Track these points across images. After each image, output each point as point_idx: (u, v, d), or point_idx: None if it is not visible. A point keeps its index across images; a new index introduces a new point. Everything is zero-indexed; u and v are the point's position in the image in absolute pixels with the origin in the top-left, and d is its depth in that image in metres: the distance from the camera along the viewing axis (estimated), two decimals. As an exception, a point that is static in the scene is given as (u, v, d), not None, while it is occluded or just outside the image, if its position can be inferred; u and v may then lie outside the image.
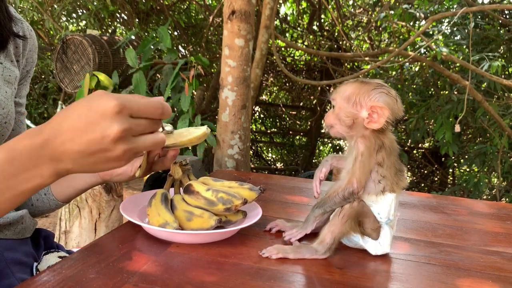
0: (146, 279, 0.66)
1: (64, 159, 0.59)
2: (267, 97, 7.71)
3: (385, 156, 0.79)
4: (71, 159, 0.59)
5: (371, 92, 0.78)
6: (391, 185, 0.79)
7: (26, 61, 0.95)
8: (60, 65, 3.47)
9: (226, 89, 3.06)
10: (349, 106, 0.78)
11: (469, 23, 3.44)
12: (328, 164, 0.88)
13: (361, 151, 0.78)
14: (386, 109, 0.76)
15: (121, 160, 0.60)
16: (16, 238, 0.89)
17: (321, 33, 6.31)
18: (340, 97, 0.80)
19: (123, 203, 0.88)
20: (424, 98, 4.53)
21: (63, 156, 0.59)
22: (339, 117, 0.80)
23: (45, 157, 0.59)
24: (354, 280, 0.71)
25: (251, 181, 1.19)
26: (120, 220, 2.60)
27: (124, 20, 5.74)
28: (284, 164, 7.74)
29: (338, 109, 0.80)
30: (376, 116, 0.76)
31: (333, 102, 0.82)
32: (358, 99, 0.78)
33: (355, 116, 0.78)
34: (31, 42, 0.95)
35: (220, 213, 0.83)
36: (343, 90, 0.80)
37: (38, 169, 0.60)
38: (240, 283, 0.67)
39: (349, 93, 0.79)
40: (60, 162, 0.59)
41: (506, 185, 4.52)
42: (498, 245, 0.93)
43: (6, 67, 0.87)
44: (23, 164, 0.59)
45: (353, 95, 0.78)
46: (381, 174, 0.79)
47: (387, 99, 0.77)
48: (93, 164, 0.60)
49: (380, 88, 0.78)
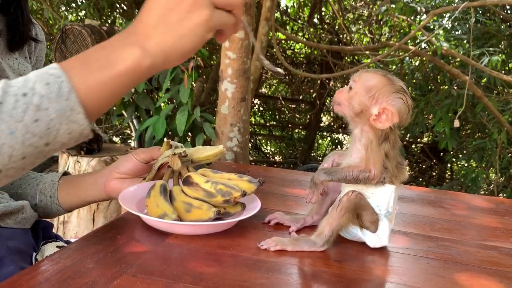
0: (144, 269, 0.66)
1: (151, 33, 0.62)
2: (266, 90, 7.70)
3: (389, 147, 0.79)
4: (156, 28, 0.62)
5: (392, 94, 0.77)
6: (391, 177, 0.80)
7: (36, 59, 1.01)
8: (59, 55, 3.45)
9: (225, 81, 3.05)
10: (366, 96, 0.78)
11: (470, 18, 3.43)
12: (330, 160, 0.88)
13: (371, 139, 0.78)
14: (396, 117, 0.76)
15: (199, 6, 0.62)
16: (17, 227, 0.89)
17: (321, 26, 6.29)
18: (362, 83, 0.79)
19: (122, 193, 0.88)
20: (423, 93, 4.53)
21: (148, 31, 0.63)
22: (351, 100, 0.79)
23: (134, 42, 0.62)
24: (352, 273, 0.72)
25: (250, 173, 1.19)
26: (118, 211, 2.60)
27: (123, 10, 5.71)
28: (282, 157, 7.75)
29: (354, 93, 0.79)
30: (384, 118, 0.76)
31: (352, 82, 0.81)
32: (378, 95, 0.77)
33: (366, 108, 0.78)
34: (42, 44, 1.01)
35: (219, 205, 0.83)
36: (367, 78, 0.79)
37: (129, 49, 0.62)
38: (238, 275, 0.67)
39: (372, 84, 0.78)
40: (148, 38, 0.62)
41: (504, 180, 4.53)
42: (495, 240, 0.94)
43: (21, 63, 0.93)
44: (114, 46, 0.63)
45: (375, 89, 0.78)
46: (384, 165, 0.79)
47: (402, 107, 0.77)
48: (178, 22, 0.62)
49: (400, 93, 0.77)
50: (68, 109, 0.59)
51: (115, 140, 5.70)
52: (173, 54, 0.64)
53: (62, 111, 0.59)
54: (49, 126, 0.59)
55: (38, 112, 0.58)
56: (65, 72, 0.60)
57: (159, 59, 0.63)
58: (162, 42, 0.63)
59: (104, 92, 0.62)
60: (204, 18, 0.63)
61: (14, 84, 0.59)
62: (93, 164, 2.59)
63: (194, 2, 0.62)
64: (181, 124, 3.03)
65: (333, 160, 0.87)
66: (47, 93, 0.58)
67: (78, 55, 0.64)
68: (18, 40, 0.92)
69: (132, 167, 0.93)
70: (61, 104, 0.59)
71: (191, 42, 0.64)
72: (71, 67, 0.61)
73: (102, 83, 0.61)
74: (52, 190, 0.98)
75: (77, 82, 0.60)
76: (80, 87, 0.60)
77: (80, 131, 0.62)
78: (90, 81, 0.61)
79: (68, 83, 0.59)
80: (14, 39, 0.91)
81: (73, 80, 0.60)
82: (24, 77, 0.60)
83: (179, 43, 0.63)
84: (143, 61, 0.62)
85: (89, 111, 0.61)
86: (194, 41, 0.64)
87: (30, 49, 0.98)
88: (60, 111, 0.59)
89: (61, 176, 1.01)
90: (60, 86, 0.59)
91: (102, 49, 0.63)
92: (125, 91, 0.65)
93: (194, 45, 0.64)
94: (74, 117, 0.60)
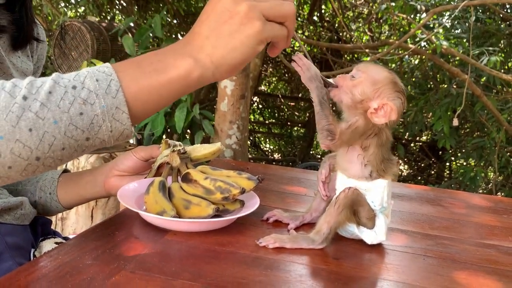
0: (143, 266, 0.66)
1: (203, 44, 0.64)
2: (265, 88, 7.69)
3: (373, 143, 0.79)
4: (208, 39, 0.64)
5: (394, 92, 0.78)
6: (378, 171, 0.80)
7: (38, 57, 1.03)
8: (58, 51, 3.45)
9: (225, 79, 3.04)
10: (371, 88, 0.78)
11: (470, 17, 3.43)
12: (327, 165, 0.88)
13: (358, 125, 0.78)
14: (395, 114, 0.76)
15: (251, 19, 0.62)
16: (16, 223, 0.89)
17: (321, 24, 6.28)
18: (368, 74, 0.79)
19: (121, 190, 0.88)
20: (423, 91, 4.53)
21: (200, 43, 0.64)
22: (353, 88, 0.79)
23: (187, 52, 0.64)
24: (351, 271, 0.72)
25: (249, 170, 1.19)
26: (116, 208, 2.60)
27: (123, 7, 5.69)
28: (281, 155, 7.75)
29: (358, 82, 0.79)
30: (382, 113, 0.76)
31: (357, 72, 0.80)
32: (382, 90, 0.77)
33: (367, 99, 0.78)
34: (43, 43, 1.03)
35: (218, 202, 0.83)
36: (374, 71, 0.79)
37: (182, 58, 0.63)
38: (237, 272, 0.67)
39: (378, 78, 0.78)
40: (201, 49, 0.64)
41: (502, 179, 4.54)
42: (494, 239, 0.94)
43: (23, 61, 0.95)
44: (168, 54, 0.64)
45: (380, 83, 0.78)
46: (366, 160, 0.79)
47: (400, 107, 0.78)
48: (229, 35, 0.63)
49: (401, 94, 0.78)
50: (114, 107, 0.60)
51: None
52: (224, 65, 0.64)
53: (107, 108, 0.60)
54: (93, 121, 0.59)
55: (84, 106, 0.59)
56: (116, 72, 0.61)
57: (210, 70, 0.64)
58: (213, 53, 0.64)
59: (152, 96, 0.63)
60: (255, 30, 0.63)
61: (66, 76, 0.60)
62: (92, 161, 2.59)
63: (246, 14, 0.62)
64: (180, 121, 3.02)
65: (330, 164, 0.88)
66: (96, 89, 0.59)
67: (132, 58, 0.65)
68: (22, 39, 0.93)
69: (132, 165, 0.94)
70: (107, 101, 0.59)
71: (242, 54, 0.64)
72: (123, 68, 0.62)
73: (151, 87, 0.62)
74: (52, 187, 0.98)
75: (127, 82, 0.61)
76: (129, 87, 0.61)
77: (121, 131, 0.62)
78: (140, 83, 0.62)
79: (117, 81, 0.60)
80: (19, 38, 0.92)
81: (123, 80, 0.61)
82: (76, 72, 0.61)
83: (231, 55, 0.64)
84: (194, 71, 0.63)
85: (133, 113, 0.62)
86: (246, 53, 0.64)
87: (32, 48, 0.99)
88: (105, 108, 0.59)
89: (61, 173, 1.01)
90: (110, 83, 0.60)
91: (156, 55, 0.64)
92: (171, 100, 0.65)
93: (245, 57, 0.65)
94: (119, 116, 0.61)
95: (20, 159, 0.57)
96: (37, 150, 0.58)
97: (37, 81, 0.59)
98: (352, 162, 0.81)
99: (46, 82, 0.59)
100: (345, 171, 0.82)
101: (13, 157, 0.57)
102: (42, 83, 0.59)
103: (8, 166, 0.57)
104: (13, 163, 0.57)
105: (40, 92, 0.58)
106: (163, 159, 0.92)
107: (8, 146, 0.56)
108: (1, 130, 0.55)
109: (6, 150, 0.56)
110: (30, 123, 0.56)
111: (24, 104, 0.56)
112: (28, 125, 0.56)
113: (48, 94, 0.58)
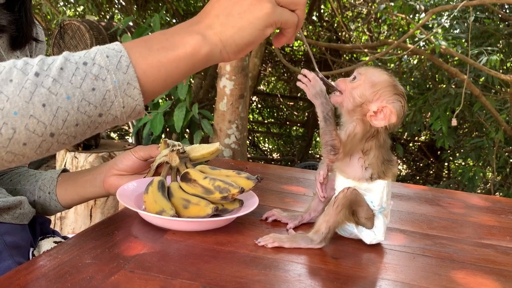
0: (142, 265, 0.66)
1: (212, 23, 0.64)
2: (264, 87, 7.69)
3: (373, 146, 0.79)
4: (218, 18, 0.64)
5: (394, 95, 0.78)
6: (378, 173, 0.80)
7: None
8: (57, 50, 3.44)
9: (224, 78, 3.05)
10: (370, 90, 0.78)
11: (469, 17, 3.43)
12: (325, 166, 0.88)
13: (356, 131, 0.79)
14: (394, 117, 0.76)
15: (261, 1, 0.63)
16: (15, 223, 0.89)
17: (320, 24, 6.28)
18: (367, 77, 0.79)
19: (120, 189, 0.88)
20: (421, 91, 4.53)
21: (210, 21, 0.65)
22: (353, 90, 0.79)
23: (195, 30, 0.64)
24: (349, 270, 0.72)
25: (248, 170, 1.19)
26: (115, 207, 2.60)
27: (122, 6, 5.69)
28: (280, 154, 7.75)
29: (357, 84, 0.79)
30: (381, 116, 0.76)
31: (357, 74, 0.81)
32: (381, 92, 0.78)
33: (367, 102, 0.78)
34: (42, 43, 1.03)
35: (217, 201, 0.83)
36: (373, 74, 0.80)
37: (190, 35, 0.64)
38: (236, 271, 0.67)
39: (377, 80, 0.79)
40: (209, 27, 0.64)
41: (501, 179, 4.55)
42: (492, 238, 0.94)
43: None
44: (176, 32, 0.65)
45: (379, 86, 0.78)
46: (367, 163, 0.80)
47: (400, 110, 0.78)
48: (239, 14, 0.64)
49: (401, 97, 0.79)
50: (125, 82, 0.61)
51: (113, 136, 5.69)
52: (232, 44, 0.65)
53: (119, 83, 0.60)
54: (105, 96, 0.60)
55: (96, 81, 0.59)
56: (126, 49, 0.62)
57: (217, 48, 0.65)
58: (222, 32, 0.64)
59: (161, 72, 0.63)
60: (265, 12, 0.64)
61: (76, 54, 0.61)
62: (91, 160, 2.59)
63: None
64: (179, 121, 3.02)
65: (328, 165, 0.88)
66: (106, 65, 0.60)
67: (140, 38, 0.66)
68: (21, 39, 0.94)
69: (131, 164, 0.94)
70: (118, 77, 0.60)
71: (250, 35, 0.65)
72: (132, 45, 0.63)
73: (160, 63, 0.63)
74: (51, 186, 0.98)
75: (137, 58, 0.62)
76: (139, 63, 0.62)
77: (134, 106, 0.63)
78: (149, 60, 0.62)
79: (127, 57, 0.61)
80: (18, 38, 0.93)
81: (133, 56, 0.61)
82: (86, 50, 0.62)
83: (238, 34, 0.65)
84: (202, 47, 0.64)
85: (144, 89, 0.63)
86: (253, 34, 0.65)
87: (31, 48, 0.99)
88: (117, 83, 0.60)
89: (60, 173, 1.01)
90: (120, 59, 0.61)
91: (164, 34, 0.65)
92: (180, 77, 0.66)
93: (253, 38, 0.65)
94: (130, 91, 0.61)
95: (35, 135, 0.58)
96: (51, 125, 0.58)
97: (48, 58, 0.60)
98: (352, 165, 0.81)
99: (57, 59, 0.59)
100: (345, 174, 0.83)
101: (28, 133, 0.57)
102: (53, 60, 0.59)
103: (23, 142, 0.58)
104: (28, 139, 0.57)
105: (52, 69, 0.58)
106: (162, 158, 0.92)
107: (22, 121, 0.56)
108: (15, 106, 0.56)
109: (21, 125, 0.56)
110: (43, 98, 0.57)
111: (36, 80, 0.57)
112: (42, 100, 0.57)
113: (60, 70, 0.58)
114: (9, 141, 0.57)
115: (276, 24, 0.66)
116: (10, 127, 0.56)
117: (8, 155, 0.58)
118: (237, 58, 0.69)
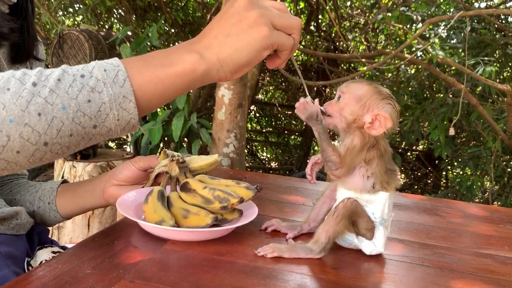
0: (142, 275, 0.66)
1: (211, 43, 0.67)
2: (263, 96, 7.71)
3: (375, 155, 0.80)
4: (216, 39, 0.66)
5: (381, 100, 0.79)
6: (381, 183, 0.80)
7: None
8: (56, 60, 3.45)
9: (222, 88, 3.06)
10: (357, 105, 0.79)
11: (466, 27, 3.46)
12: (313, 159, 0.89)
13: (355, 144, 0.79)
14: (390, 122, 0.77)
15: (259, 24, 0.66)
16: (10, 233, 0.88)
17: (318, 34, 6.32)
18: (351, 93, 0.80)
19: (120, 199, 0.88)
20: (419, 101, 4.55)
21: (208, 41, 0.67)
22: (342, 111, 0.80)
23: (193, 49, 0.66)
24: (349, 280, 0.72)
25: (247, 180, 1.19)
26: (113, 217, 2.59)
27: (121, 16, 5.71)
28: (278, 163, 7.75)
29: (344, 104, 0.80)
30: (377, 124, 0.77)
31: (341, 94, 0.82)
32: (368, 103, 0.79)
33: (359, 117, 0.79)
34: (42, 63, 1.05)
35: (217, 211, 0.83)
36: (356, 89, 0.81)
37: (188, 53, 0.66)
38: (236, 281, 0.67)
39: (361, 93, 0.80)
40: (208, 47, 0.66)
41: (499, 188, 4.55)
42: (490, 248, 0.94)
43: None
44: (175, 51, 0.67)
45: (365, 98, 0.79)
46: (370, 172, 0.80)
47: (392, 113, 0.79)
48: (237, 35, 0.66)
49: (389, 100, 0.80)
50: (121, 95, 0.62)
51: (111, 145, 5.69)
52: (229, 64, 0.67)
53: (115, 96, 0.61)
54: (100, 108, 0.61)
55: (92, 93, 0.60)
56: (124, 64, 0.63)
57: (215, 67, 0.66)
58: (220, 51, 0.66)
59: (158, 88, 0.64)
60: (262, 34, 0.66)
61: (75, 67, 0.62)
62: (89, 169, 2.59)
63: (255, 20, 0.66)
64: (177, 130, 3.03)
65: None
66: (104, 78, 0.61)
67: (140, 55, 0.67)
68: (22, 54, 0.95)
69: (131, 175, 0.94)
70: (115, 90, 0.61)
71: (247, 56, 0.67)
72: (130, 61, 0.64)
73: (158, 78, 0.64)
74: (51, 196, 0.98)
75: (134, 73, 0.63)
76: (136, 78, 0.63)
77: (128, 120, 0.63)
78: (146, 75, 0.64)
79: (125, 72, 0.62)
80: (19, 52, 0.94)
81: (130, 71, 0.63)
82: (85, 64, 0.64)
83: (236, 55, 0.66)
84: (199, 66, 0.65)
85: (139, 103, 0.64)
86: (251, 55, 0.67)
87: (31, 65, 1.01)
88: (113, 96, 0.61)
89: (60, 183, 1.01)
90: (117, 73, 0.62)
91: (163, 52, 0.67)
92: (176, 94, 0.67)
93: (250, 59, 0.67)
94: (126, 104, 0.62)
95: (29, 143, 0.58)
96: (45, 134, 0.59)
97: (46, 70, 0.61)
98: (353, 176, 0.81)
99: (55, 71, 0.61)
100: (346, 185, 0.83)
101: (22, 141, 0.58)
102: (51, 72, 0.61)
103: (17, 150, 0.58)
104: (21, 147, 0.58)
105: (49, 79, 0.59)
106: (160, 169, 0.92)
107: (17, 129, 0.57)
108: (10, 114, 0.57)
109: (15, 133, 0.57)
110: (39, 107, 0.58)
111: (33, 90, 0.58)
112: (37, 109, 0.58)
113: (57, 81, 0.59)
114: (2, 148, 0.57)
115: (273, 46, 0.68)
116: (5, 134, 0.57)
117: (0, 162, 0.59)
118: (234, 78, 0.71)
